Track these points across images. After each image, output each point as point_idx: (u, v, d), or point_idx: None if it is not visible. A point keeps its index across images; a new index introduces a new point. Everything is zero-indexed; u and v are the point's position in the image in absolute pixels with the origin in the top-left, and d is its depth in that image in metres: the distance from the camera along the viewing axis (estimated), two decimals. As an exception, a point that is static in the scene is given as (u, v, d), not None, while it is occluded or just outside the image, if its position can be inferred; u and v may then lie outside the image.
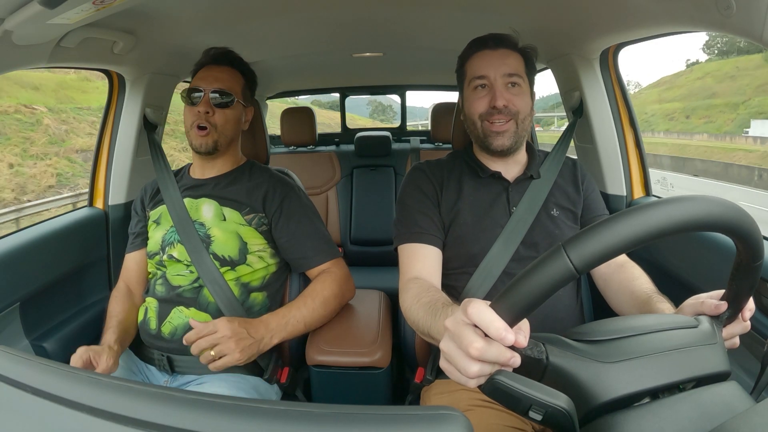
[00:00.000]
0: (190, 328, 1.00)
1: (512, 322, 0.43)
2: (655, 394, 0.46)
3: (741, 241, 0.46)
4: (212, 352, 0.88)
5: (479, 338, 0.43)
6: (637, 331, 0.50)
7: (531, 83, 0.97)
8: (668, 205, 0.42)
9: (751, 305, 0.57)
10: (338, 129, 3.07)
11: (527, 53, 0.97)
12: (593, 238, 0.41)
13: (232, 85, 1.09)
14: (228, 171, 1.13)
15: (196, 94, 1.06)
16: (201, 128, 1.05)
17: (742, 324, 0.58)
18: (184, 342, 0.89)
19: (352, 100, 3.11)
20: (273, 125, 2.24)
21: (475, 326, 0.44)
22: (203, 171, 1.13)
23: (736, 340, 0.59)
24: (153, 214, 1.12)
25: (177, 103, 1.24)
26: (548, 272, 0.41)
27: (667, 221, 0.41)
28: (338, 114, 3.12)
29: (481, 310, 0.43)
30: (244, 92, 1.13)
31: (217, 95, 1.06)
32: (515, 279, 0.43)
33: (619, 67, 1.32)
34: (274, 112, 3.13)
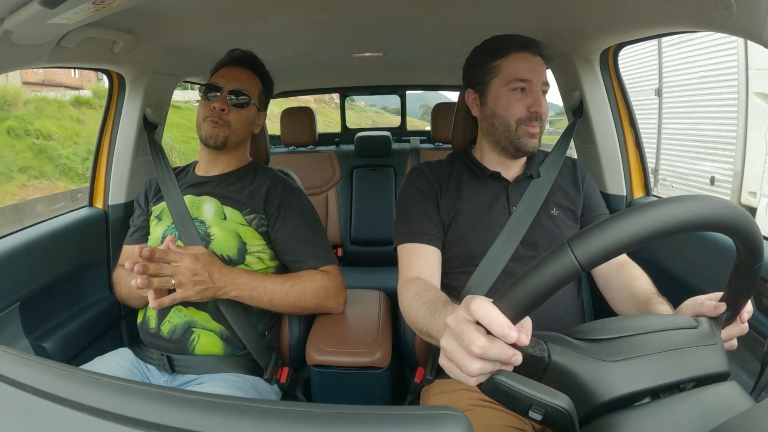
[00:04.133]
0: (189, 328, 1.00)
1: (515, 320, 0.43)
2: (656, 393, 0.46)
3: (742, 242, 0.46)
4: (172, 281, 0.89)
5: (481, 336, 0.43)
6: (639, 331, 0.50)
7: None
8: (673, 204, 0.42)
9: (749, 307, 0.57)
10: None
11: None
12: (598, 235, 0.41)
13: (250, 87, 1.11)
14: (232, 170, 1.13)
15: (214, 93, 1.07)
16: (214, 123, 1.06)
17: (740, 326, 0.58)
18: (147, 252, 0.88)
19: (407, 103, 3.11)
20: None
21: (477, 323, 0.43)
22: (208, 168, 1.14)
23: (734, 342, 0.59)
24: (155, 210, 1.12)
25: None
26: (553, 269, 0.41)
27: (672, 220, 0.41)
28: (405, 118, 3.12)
29: (484, 307, 0.43)
30: (260, 97, 1.14)
31: (234, 96, 1.07)
32: (519, 276, 0.43)
33: (619, 67, 1.32)
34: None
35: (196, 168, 1.16)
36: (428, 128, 2.67)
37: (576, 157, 1.32)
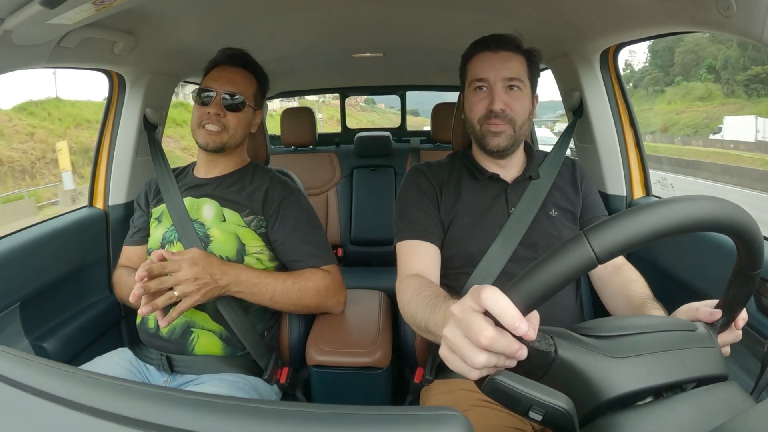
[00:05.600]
0: (188, 328, 1.00)
1: (524, 312, 0.41)
2: (659, 392, 0.46)
3: (746, 246, 0.46)
4: (176, 293, 0.88)
5: (490, 326, 0.41)
6: (644, 329, 0.49)
7: (533, 86, 0.97)
8: (690, 202, 0.42)
9: (744, 315, 0.57)
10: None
11: (530, 55, 0.96)
12: (616, 227, 0.41)
13: (245, 88, 1.09)
14: (231, 171, 1.13)
15: (208, 94, 1.06)
16: (210, 128, 1.05)
17: (734, 333, 0.58)
18: (144, 272, 0.86)
19: (422, 103, 3.10)
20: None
21: (485, 313, 0.42)
22: (207, 170, 1.13)
23: (727, 349, 0.59)
24: (155, 211, 1.12)
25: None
26: (568, 260, 0.40)
27: (689, 217, 0.41)
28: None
29: (495, 297, 0.41)
30: (256, 96, 1.13)
31: (228, 97, 1.06)
32: (532, 266, 0.42)
33: (619, 67, 1.32)
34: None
35: (195, 170, 1.16)
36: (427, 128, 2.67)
37: (575, 157, 1.32)
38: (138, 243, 1.14)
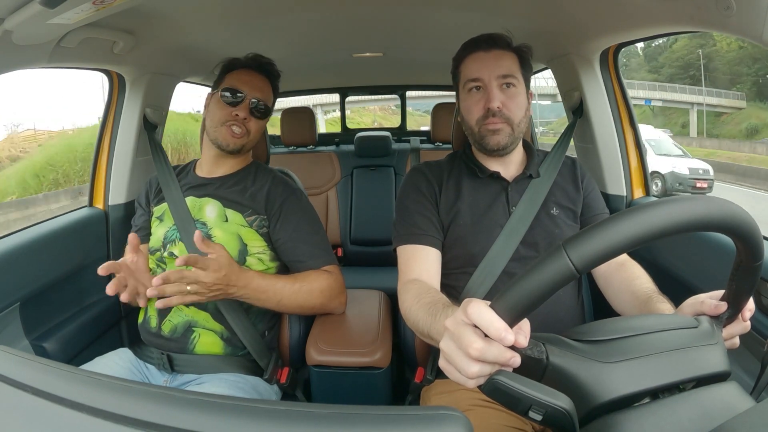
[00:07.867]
0: (190, 327, 1.00)
1: (512, 322, 0.43)
2: (655, 394, 0.46)
3: (741, 241, 0.46)
4: (188, 287, 0.87)
5: (479, 338, 0.43)
6: (637, 331, 0.50)
7: (527, 82, 0.97)
8: (669, 205, 0.42)
9: (750, 305, 0.56)
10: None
11: (522, 52, 0.96)
12: (594, 237, 0.41)
13: (268, 96, 1.12)
14: (234, 171, 1.13)
15: (238, 94, 1.07)
16: (236, 130, 1.06)
17: (742, 324, 0.58)
18: (178, 262, 0.85)
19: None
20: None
21: (475, 326, 0.44)
22: (211, 169, 1.13)
23: (736, 341, 0.59)
24: (156, 210, 1.12)
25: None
26: (548, 272, 0.41)
27: (668, 221, 0.41)
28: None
29: (480, 311, 0.43)
30: (271, 106, 1.15)
31: (256, 103, 1.08)
32: (515, 279, 0.43)
33: (619, 67, 1.32)
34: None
35: (198, 168, 1.16)
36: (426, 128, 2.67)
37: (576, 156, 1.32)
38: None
